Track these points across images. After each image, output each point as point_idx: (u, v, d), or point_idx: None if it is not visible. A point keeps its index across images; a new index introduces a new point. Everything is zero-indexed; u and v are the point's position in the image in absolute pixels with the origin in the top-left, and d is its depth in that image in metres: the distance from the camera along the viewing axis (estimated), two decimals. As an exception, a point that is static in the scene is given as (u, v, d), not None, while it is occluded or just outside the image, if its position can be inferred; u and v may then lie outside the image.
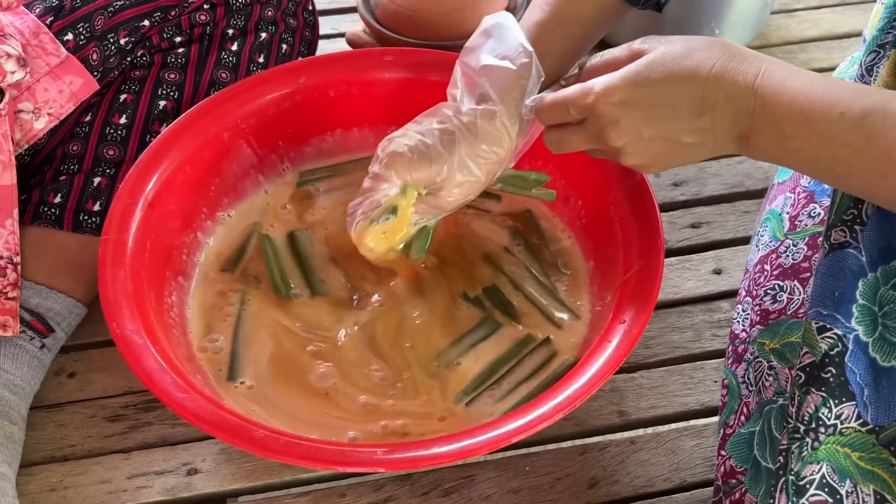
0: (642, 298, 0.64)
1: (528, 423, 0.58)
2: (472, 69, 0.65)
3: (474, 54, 0.65)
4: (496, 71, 0.64)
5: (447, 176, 0.65)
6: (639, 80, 0.56)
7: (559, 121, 0.61)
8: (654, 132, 0.57)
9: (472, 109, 0.64)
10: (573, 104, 0.59)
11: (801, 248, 0.64)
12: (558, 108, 0.60)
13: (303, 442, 0.57)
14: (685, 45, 0.56)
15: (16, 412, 0.70)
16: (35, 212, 0.76)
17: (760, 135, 0.55)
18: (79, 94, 0.72)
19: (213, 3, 0.81)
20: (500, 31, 0.65)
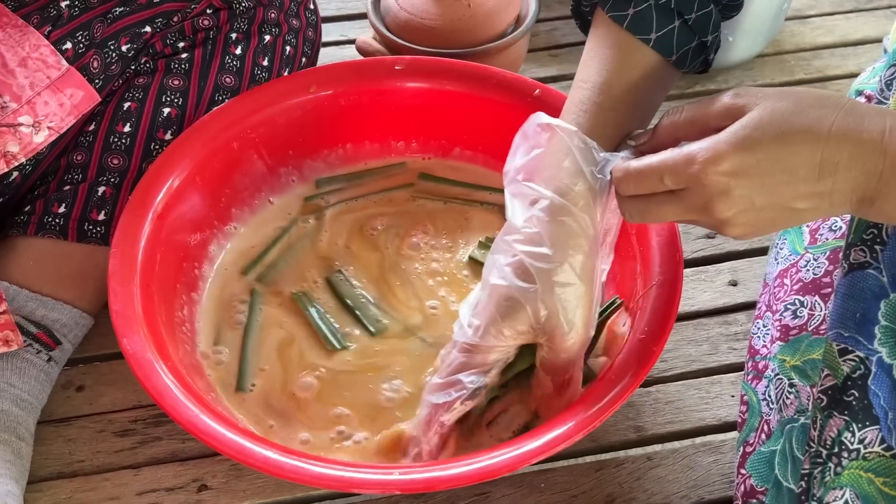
0: (662, 314, 0.63)
1: (547, 444, 0.57)
2: (513, 181, 0.58)
3: (510, 170, 0.59)
4: (531, 165, 0.57)
5: (548, 311, 0.56)
6: (749, 145, 0.49)
7: (647, 191, 0.53)
8: (766, 201, 0.51)
9: (529, 218, 0.56)
10: (670, 173, 0.51)
11: (822, 262, 0.63)
12: (648, 177, 0.53)
13: (316, 463, 0.56)
14: (794, 98, 0.50)
15: (23, 427, 0.69)
16: (39, 222, 0.75)
17: (888, 199, 0.49)
18: (80, 107, 0.71)
19: (215, 8, 0.80)
20: (523, 136, 0.59)
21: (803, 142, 0.49)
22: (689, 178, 0.51)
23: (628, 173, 0.54)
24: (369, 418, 0.66)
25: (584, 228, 0.57)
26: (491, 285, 0.57)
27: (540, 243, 0.56)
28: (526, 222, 0.57)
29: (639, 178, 0.53)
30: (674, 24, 0.61)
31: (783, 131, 0.50)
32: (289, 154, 0.81)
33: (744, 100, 0.51)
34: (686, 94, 1.01)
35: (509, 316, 0.57)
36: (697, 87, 1.02)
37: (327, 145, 0.83)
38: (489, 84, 0.80)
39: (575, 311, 0.57)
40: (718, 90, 1.01)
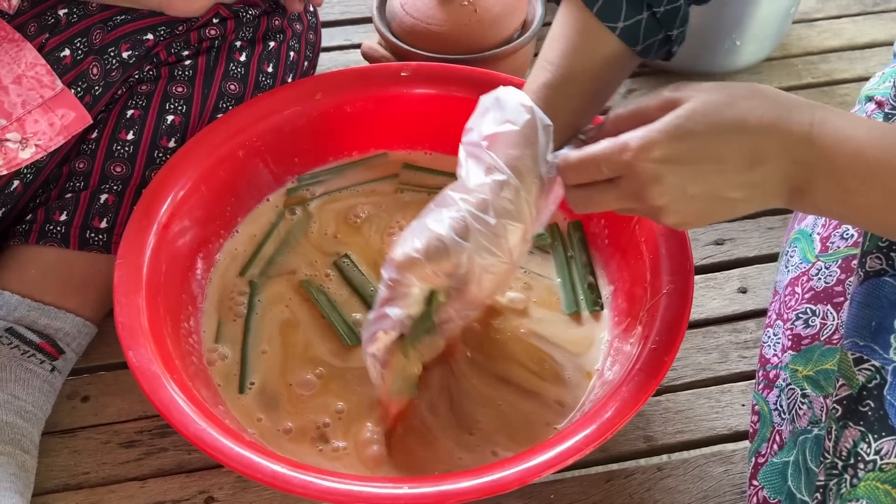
0: (672, 324, 0.63)
1: (558, 457, 0.56)
2: (476, 144, 0.60)
3: (475, 131, 0.61)
4: (499, 137, 0.59)
5: (469, 267, 0.59)
6: (681, 133, 0.51)
7: (588, 179, 0.55)
8: (699, 189, 0.52)
9: (481, 185, 0.59)
10: (606, 161, 0.53)
11: (834, 270, 0.63)
12: (587, 167, 0.54)
13: (325, 478, 0.55)
14: (726, 92, 0.52)
15: (28, 440, 0.68)
16: (41, 231, 0.74)
17: (818, 189, 0.50)
18: (70, 128, 0.70)
19: (222, 17, 0.80)
20: (497, 102, 0.60)
21: (734, 131, 0.50)
22: (624, 166, 0.52)
23: (570, 163, 0.56)
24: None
25: (526, 215, 0.60)
26: (429, 229, 0.60)
27: (486, 211, 0.59)
28: (479, 188, 0.59)
29: (579, 168, 0.55)
30: (642, 15, 0.61)
31: (714, 121, 0.51)
32: (294, 162, 0.81)
33: (680, 93, 0.53)
34: (693, 99, 1.00)
35: (435, 259, 0.59)
36: (704, 92, 1.01)
37: (333, 153, 0.82)
38: (496, 90, 0.80)
39: (491, 280, 0.61)
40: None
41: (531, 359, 0.70)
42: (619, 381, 0.61)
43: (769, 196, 0.52)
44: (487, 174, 0.59)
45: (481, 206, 0.59)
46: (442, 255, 0.59)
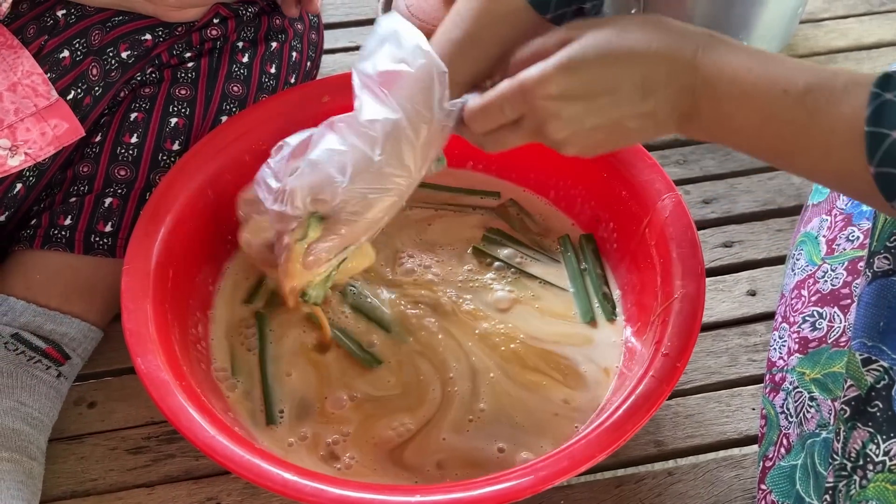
0: (685, 329, 0.62)
1: (571, 465, 0.56)
2: (369, 77, 0.60)
3: (370, 61, 0.60)
4: (393, 76, 0.59)
5: (348, 199, 0.60)
6: (572, 66, 0.52)
7: (495, 125, 0.56)
8: (596, 121, 0.53)
9: (372, 121, 0.59)
10: (508, 103, 0.55)
11: (840, 273, 0.62)
12: (492, 112, 0.55)
13: (336, 486, 0.55)
14: (617, 25, 0.53)
15: (34, 447, 0.68)
16: (45, 236, 0.74)
17: (702, 114, 0.52)
18: (62, 139, 0.70)
19: (223, 17, 0.79)
20: (396, 36, 0.60)
21: (624, 63, 0.52)
22: (523, 105, 0.54)
23: (474, 110, 0.56)
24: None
25: (410, 166, 0.60)
26: (310, 160, 0.61)
27: (372, 147, 0.59)
28: (370, 123, 0.59)
29: (485, 114, 0.56)
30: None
31: (605, 52, 0.52)
32: (300, 165, 0.80)
33: (574, 31, 0.54)
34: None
35: (317, 190, 0.61)
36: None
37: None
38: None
39: (364, 214, 0.61)
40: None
41: (550, 364, 0.70)
42: (632, 386, 0.60)
43: (661, 124, 0.54)
44: (380, 109, 0.59)
45: (370, 143, 0.59)
46: (321, 187, 0.60)
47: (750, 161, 0.94)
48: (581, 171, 0.77)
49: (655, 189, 0.71)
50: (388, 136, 0.59)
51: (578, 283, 0.75)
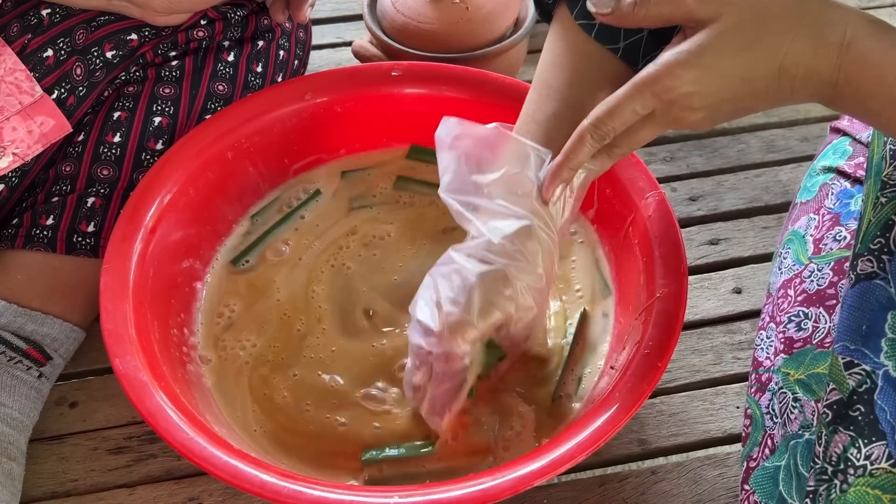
0: (666, 328, 0.62)
1: (550, 465, 0.56)
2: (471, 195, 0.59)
3: (453, 177, 0.60)
4: (506, 180, 0.58)
5: (516, 314, 0.59)
6: (707, 57, 0.51)
7: (623, 126, 0.54)
8: (731, 108, 0.53)
9: (507, 236, 0.58)
10: (639, 101, 0.53)
11: (827, 273, 0.62)
12: (622, 112, 0.53)
13: (315, 488, 0.54)
14: (757, 9, 0.51)
15: (15, 447, 0.68)
16: (27, 235, 0.73)
17: (844, 104, 0.53)
18: (49, 136, 0.69)
19: (210, 19, 0.78)
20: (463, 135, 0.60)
21: (763, 55, 0.51)
22: (654, 100, 0.53)
23: (600, 115, 0.54)
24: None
25: (551, 247, 0.60)
26: (473, 281, 0.58)
27: (521, 259, 0.58)
28: (503, 240, 0.58)
29: (611, 115, 0.54)
30: (642, 33, 0.61)
31: (743, 42, 0.51)
32: (284, 163, 0.80)
33: (709, 8, 0.51)
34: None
35: (485, 316, 0.58)
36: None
37: (323, 153, 0.81)
38: (488, 89, 0.79)
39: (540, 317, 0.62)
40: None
41: None
42: (613, 385, 0.60)
43: (797, 104, 0.56)
44: (505, 223, 0.58)
45: (515, 255, 0.58)
46: (490, 310, 0.58)
47: (737, 158, 0.93)
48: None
49: (639, 187, 0.71)
50: (528, 243, 0.59)
51: None
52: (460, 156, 0.60)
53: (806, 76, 0.51)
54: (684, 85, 0.51)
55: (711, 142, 0.95)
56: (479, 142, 0.60)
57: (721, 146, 0.94)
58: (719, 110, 0.53)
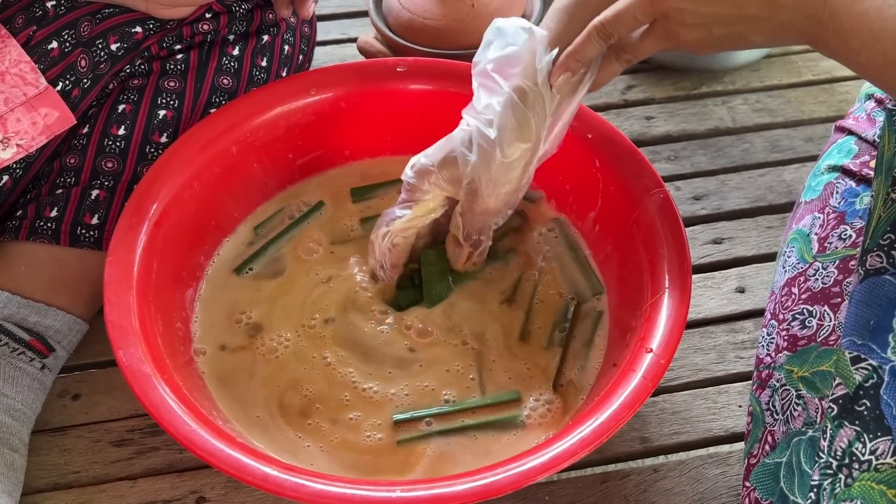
0: (670, 325, 0.62)
1: (553, 461, 0.56)
2: (482, 73, 0.64)
3: (482, 62, 0.65)
4: (503, 60, 0.63)
5: (473, 177, 0.65)
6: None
7: (627, 31, 0.59)
8: (722, 31, 0.56)
9: (487, 105, 0.64)
10: (639, 9, 0.57)
11: (831, 271, 0.62)
12: (625, 18, 0.58)
13: (317, 481, 0.54)
14: None
15: (17, 439, 0.68)
16: (31, 227, 0.73)
17: (828, 43, 0.54)
18: (53, 128, 0.69)
19: (215, 12, 0.79)
20: (499, 31, 0.64)
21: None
22: (653, 9, 0.57)
23: (607, 18, 0.59)
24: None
25: (531, 125, 0.64)
26: (443, 141, 0.67)
27: (489, 126, 0.64)
28: (484, 108, 0.64)
29: (617, 19, 0.58)
30: None
31: None
32: (288, 158, 0.80)
33: None
34: (692, 96, 1.00)
35: (445, 167, 0.67)
36: (703, 88, 1.00)
37: (328, 150, 0.81)
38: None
39: (500, 184, 0.66)
40: (725, 91, 1.00)
41: None
42: (616, 382, 0.60)
43: (786, 41, 0.56)
44: (493, 95, 0.64)
45: (487, 122, 0.64)
46: (450, 163, 0.66)
47: (741, 158, 0.93)
48: (570, 166, 0.76)
49: (644, 185, 0.71)
50: (500, 114, 0.63)
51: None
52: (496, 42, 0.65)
53: (794, 8, 0.53)
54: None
55: (716, 141, 0.95)
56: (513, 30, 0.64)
57: (725, 145, 0.95)
58: (711, 32, 0.56)
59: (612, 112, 0.97)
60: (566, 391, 0.68)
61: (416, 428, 0.65)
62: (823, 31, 0.53)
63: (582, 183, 0.76)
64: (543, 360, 0.69)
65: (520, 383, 0.68)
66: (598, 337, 0.70)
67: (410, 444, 0.64)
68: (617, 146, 0.73)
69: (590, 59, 0.61)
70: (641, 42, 0.60)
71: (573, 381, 0.68)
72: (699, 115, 0.97)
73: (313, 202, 0.79)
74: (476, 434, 0.65)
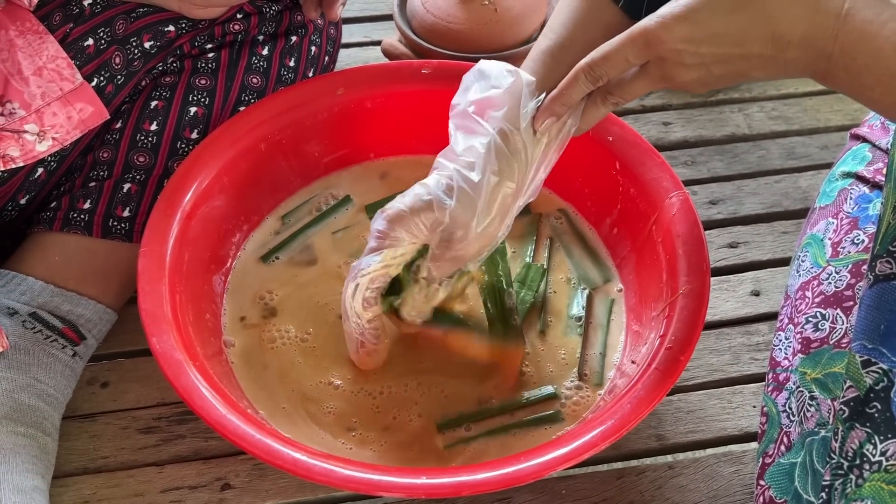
0: (688, 324, 0.64)
1: (573, 452, 0.57)
2: (462, 115, 0.62)
3: (461, 104, 0.62)
4: (485, 101, 0.60)
5: (452, 222, 0.61)
6: (700, 15, 0.51)
7: (617, 73, 0.55)
8: (722, 70, 0.53)
9: (468, 147, 0.60)
10: (631, 50, 0.53)
11: (844, 275, 0.63)
12: (615, 60, 0.54)
13: (345, 466, 0.56)
14: None
15: (49, 423, 0.69)
16: (65, 218, 0.75)
17: (835, 79, 0.52)
18: (87, 122, 0.71)
19: (246, 13, 0.81)
20: (481, 74, 0.62)
21: (757, 19, 0.50)
22: (647, 52, 0.53)
23: (595, 59, 0.55)
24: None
25: (514, 170, 0.60)
26: (418, 187, 0.62)
27: (471, 169, 0.60)
28: (465, 151, 0.61)
29: (606, 61, 0.55)
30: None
31: (736, 7, 0.51)
32: (314, 156, 0.82)
33: None
34: (709, 102, 1.01)
35: (419, 212, 0.61)
36: (720, 95, 1.02)
37: (353, 149, 0.83)
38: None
39: (478, 231, 0.62)
40: (742, 98, 1.01)
41: None
42: (635, 378, 0.62)
43: (791, 75, 0.53)
44: (474, 137, 0.60)
45: (469, 165, 0.60)
46: (426, 209, 0.61)
47: (757, 164, 0.95)
48: (589, 169, 0.78)
49: (663, 187, 0.72)
50: (484, 157, 0.60)
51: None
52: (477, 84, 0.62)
53: (801, 44, 0.50)
54: (676, 40, 0.52)
55: (732, 147, 0.96)
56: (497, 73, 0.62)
57: (742, 152, 0.96)
58: (711, 72, 0.53)
59: (630, 117, 0.99)
60: (589, 380, 0.69)
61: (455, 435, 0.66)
62: (832, 68, 0.51)
63: (602, 185, 0.78)
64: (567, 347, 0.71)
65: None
66: (614, 330, 0.72)
67: (454, 448, 0.65)
68: (637, 149, 0.75)
69: (575, 102, 0.58)
70: (632, 84, 0.56)
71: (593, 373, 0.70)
72: (716, 121, 0.99)
73: (340, 196, 0.81)
74: (516, 431, 0.66)
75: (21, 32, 0.70)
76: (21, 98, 0.68)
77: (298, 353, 0.71)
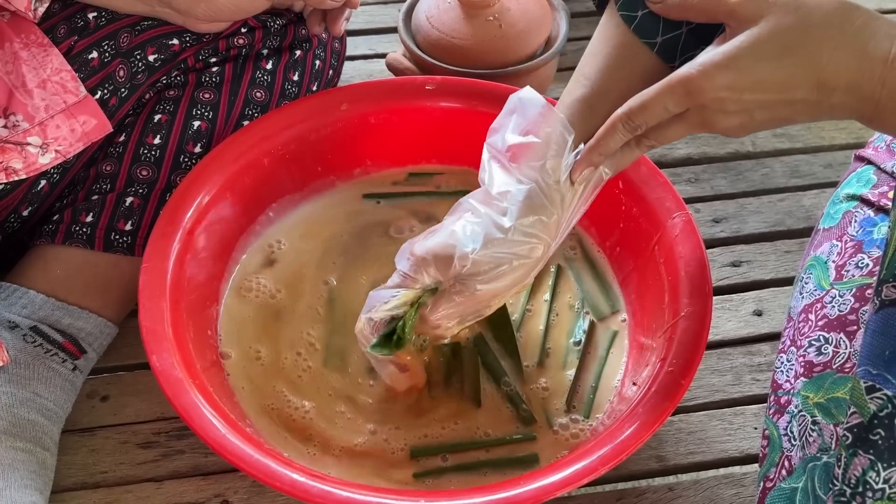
0: (690, 346, 0.63)
1: (573, 476, 0.57)
2: (500, 151, 0.61)
3: (499, 134, 0.61)
4: (522, 148, 0.59)
5: (478, 268, 0.60)
6: (744, 62, 0.50)
7: (655, 121, 0.55)
8: (766, 116, 0.52)
9: (504, 192, 0.60)
10: (671, 99, 0.53)
11: (848, 299, 0.63)
12: (654, 108, 0.53)
13: (343, 489, 0.56)
14: (800, 15, 0.49)
15: (49, 438, 0.69)
16: (67, 231, 0.75)
17: (883, 123, 0.51)
18: (90, 135, 0.71)
19: (251, 27, 0.81)
20: (522, 105, 0.61)
21: (802, 66, 0.50)
22: (688, 100, 0.52)
23: (633, 108, 0.54)
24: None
25: (542, 233, 0.60)
26: (443, 231, 0.61)
27: (503, 214, 0.59)
28: (500, 195, 0.60)
29: (643, 110, 0.54)
30: (681, 30, 0.61)
31: (782, 50, 0.50)
32: (317, 171, 0.82)
33: (751, 7, 0.51)
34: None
35: (442, 259, 0.60)
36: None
37: (357, 163, 0.83)
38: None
39: (496, 280, 0.61)
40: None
41: None
42: (636, 401, 0.61)
43: (835, 119, 0.52)
44: (508, 175, 0.60)
45: (502, 211, 0.60)
46: (447, 257, 0.60)
47: (761, 182, 0.95)
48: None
49: (666, 207, 0.72)
50: (520, 206, 0.59)
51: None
52: (515, 118, 0.61)
53: (847, 90, 0.50)
54: (718, 88, 0.51)
55: (736, 165, 0.96)
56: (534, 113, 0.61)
57: (745, 170, 0.96)
58: (753, 117, 0.52)
59: (634, 133, 0.99)
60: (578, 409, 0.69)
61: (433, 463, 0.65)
62: (881, 112, 0.50)
63: (605, 204, 0.77)
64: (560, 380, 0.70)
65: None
66: (614, 354, 0.71)
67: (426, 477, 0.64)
68: (640, 168, 0.75)
69: (613, 151, 0.57)
70: (669, 129, 0.55)
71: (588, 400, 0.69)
72: (719, 139, 0.98)
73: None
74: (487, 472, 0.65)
75: (26, 45, 0.71)
76: (25, 110, 0.69)
77: (300, 370, 0.71)
